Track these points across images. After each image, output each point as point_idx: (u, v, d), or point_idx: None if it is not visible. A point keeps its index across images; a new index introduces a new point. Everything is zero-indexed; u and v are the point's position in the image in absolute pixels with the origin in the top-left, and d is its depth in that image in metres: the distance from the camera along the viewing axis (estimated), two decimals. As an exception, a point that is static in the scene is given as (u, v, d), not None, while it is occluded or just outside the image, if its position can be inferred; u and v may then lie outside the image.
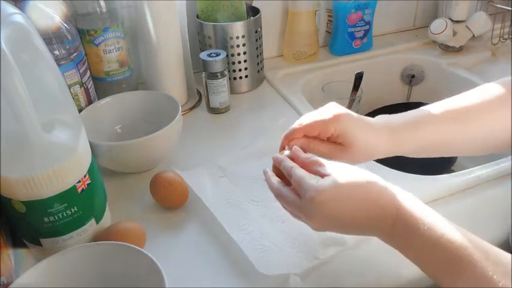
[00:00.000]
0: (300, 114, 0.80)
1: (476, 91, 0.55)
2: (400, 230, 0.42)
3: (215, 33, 0.88)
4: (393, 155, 0.54)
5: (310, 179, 0.44)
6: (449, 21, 1.03)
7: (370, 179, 0.44)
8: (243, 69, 0.91)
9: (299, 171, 0.46)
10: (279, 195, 0.48)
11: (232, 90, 0.91)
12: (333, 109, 0.51)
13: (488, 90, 0.55)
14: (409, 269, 0.45)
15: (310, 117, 0.52)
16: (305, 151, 0.50)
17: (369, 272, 0.53)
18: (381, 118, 0.54)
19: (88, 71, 0.77)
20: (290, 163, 0.48)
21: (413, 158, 0.86)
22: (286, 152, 0.51)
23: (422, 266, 0.42)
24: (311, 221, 0.45)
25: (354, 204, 0.43)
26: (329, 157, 0.51)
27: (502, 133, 0.54)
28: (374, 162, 0.69)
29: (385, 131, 0.52)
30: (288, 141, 0.52)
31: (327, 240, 0.55)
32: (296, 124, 0.52)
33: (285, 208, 0.49)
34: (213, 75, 0.82)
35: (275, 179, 0.49)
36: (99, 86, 0.83)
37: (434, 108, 0.54)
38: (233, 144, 0.77)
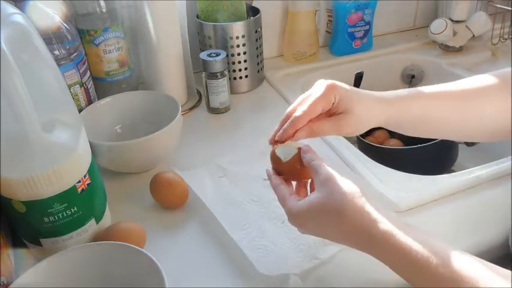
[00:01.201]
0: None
1: (472, 78, 0.57)
2: (380, 252, 0.43)
3: (215, 33, 0.88)
4: (388, 126, 0.55)
5: (290, 201, 0.47)
6: (449, 21, 1.03)
7: (346, 201, 0.43)
8: (243, 69, 0.91)
9: (281, 191, 0.48)
10: (276, 191, 0.50)
11: (232, 90, 0.91)
12: (324, 82, 0.52)
13: (484, 79, 0.56)
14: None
15: (307, 99, 0.52)
16: (308, 136, 0.52)
17: (368, 272, 0.53)
18: (377, 92, 0.55)
19: (88, 71, 0.77)
20: (276, 181, 0.50)
21: (413, 158, 0.86)
22: (279, 149, 0.51)
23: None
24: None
25: (326, 229, 0.46)
26: (333, 133, 0.53)
27: (496, 120, 0.55)
28: (374, 162, 0.70)
29: (382, 100, 0.54)
30: (293, 131, 0.51)
31: (326, 240, 0.55)
32: (297, 112, 0.51)
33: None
34: (213, 75, 0.82)
35: (277, 178, 0.50)
36: (99, 86, 0.83)
37: (430, 87, 0.56)
38: (233, 144, 0.77)
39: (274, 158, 0.51)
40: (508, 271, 0.38)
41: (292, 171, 0.50)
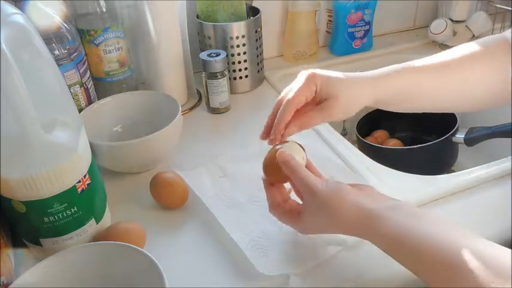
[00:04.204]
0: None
1: (455, 48, 0.59)
2: (384, 240, 0.45)
3: (215, 33, 0.88)
4: (377, 105, 0.57)
5: (288, 217, 0.52)
6: (449, 21, 1.03)
7: (338, 202, 0.46)
8: (243, 69, 0.91)
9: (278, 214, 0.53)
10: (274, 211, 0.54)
11: (232, 90, 0.91)
12: (305, 72, 0.54)
13: (465, 48, 0.59)
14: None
15: (290, 92, 0.54)
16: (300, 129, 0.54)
17: (368, 272, 0.53)
18: (361, 73, 0.57)
19: (88, 71, 0.77)
20: (276, 199, 0.53)
21: (413, 158, 0.86)
22: (285, 147, 0.53)
23: (407, 266, 0.43)
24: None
25: (326, 228, 0.50)
26: (324, 121, 0.55)
27: (480, 88, 0.58)
28: (374, 162, 0.70)
29: (367, 78, 0.55)
30: (283, 126, 0.53)
31: (326, 240, 0.55)
32: (282, 106, 0.53)
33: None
34: (213, 75, 0.82)
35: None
36: (99, 86, 0.83)
37: (414, 62, 0.58)
38: (233, 144, 0.77)
39: (268, 161, 0.54)
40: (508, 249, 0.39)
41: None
